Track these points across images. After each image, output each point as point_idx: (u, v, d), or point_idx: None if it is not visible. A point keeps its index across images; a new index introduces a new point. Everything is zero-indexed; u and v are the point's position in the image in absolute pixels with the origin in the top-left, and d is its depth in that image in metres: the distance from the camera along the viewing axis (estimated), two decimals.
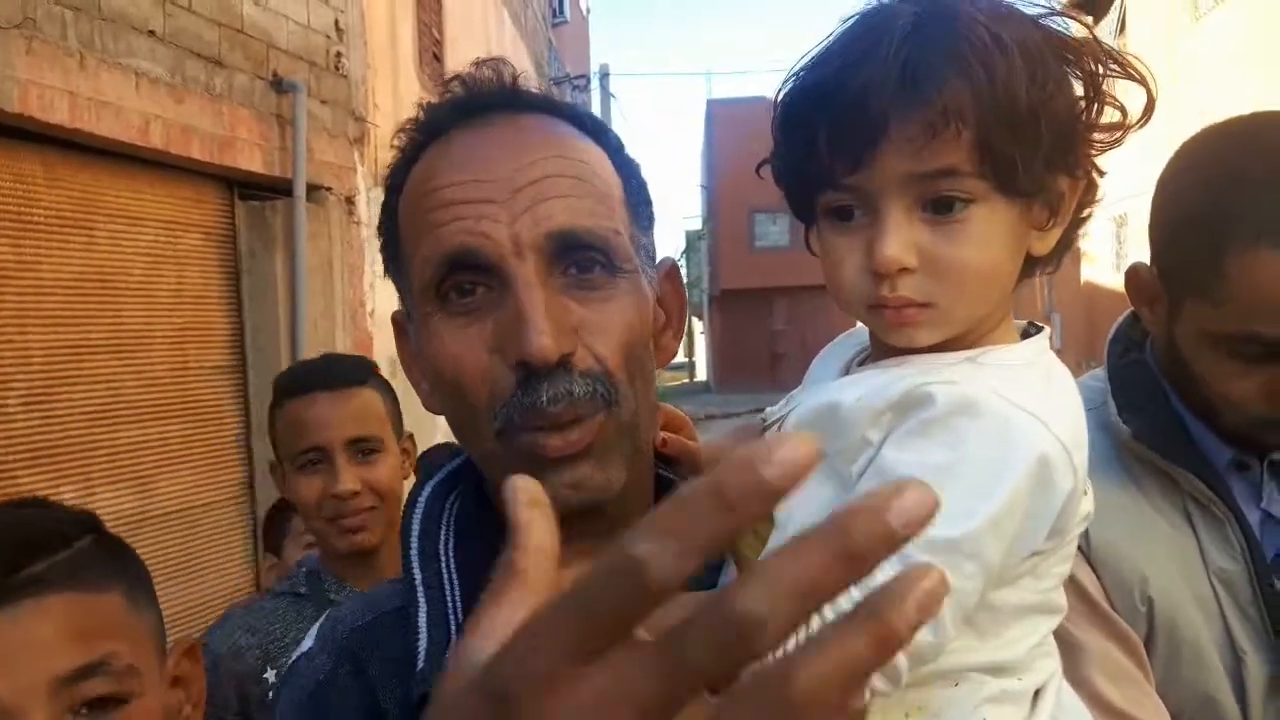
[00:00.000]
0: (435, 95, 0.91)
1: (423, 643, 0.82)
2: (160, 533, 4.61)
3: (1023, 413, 0.73)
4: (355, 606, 0.94)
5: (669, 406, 0.98)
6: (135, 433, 4.54)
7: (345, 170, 6.23)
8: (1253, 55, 9.90)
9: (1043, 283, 14.50)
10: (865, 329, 0.88)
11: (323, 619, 0.95)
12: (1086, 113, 0.79)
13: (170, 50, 4.56)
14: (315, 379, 1.94)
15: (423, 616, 0.84)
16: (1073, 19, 0.81)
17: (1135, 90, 0.82)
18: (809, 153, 0.78)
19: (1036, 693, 0.80)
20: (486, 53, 0.91)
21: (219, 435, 5.17)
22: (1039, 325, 0.86)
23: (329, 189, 5.99)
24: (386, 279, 0.93)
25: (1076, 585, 1.15)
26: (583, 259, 0.81)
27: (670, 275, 0.95)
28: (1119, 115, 0.81)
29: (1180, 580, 1.24)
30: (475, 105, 0.87)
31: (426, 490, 0.93)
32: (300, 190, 5.51)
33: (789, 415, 0.84)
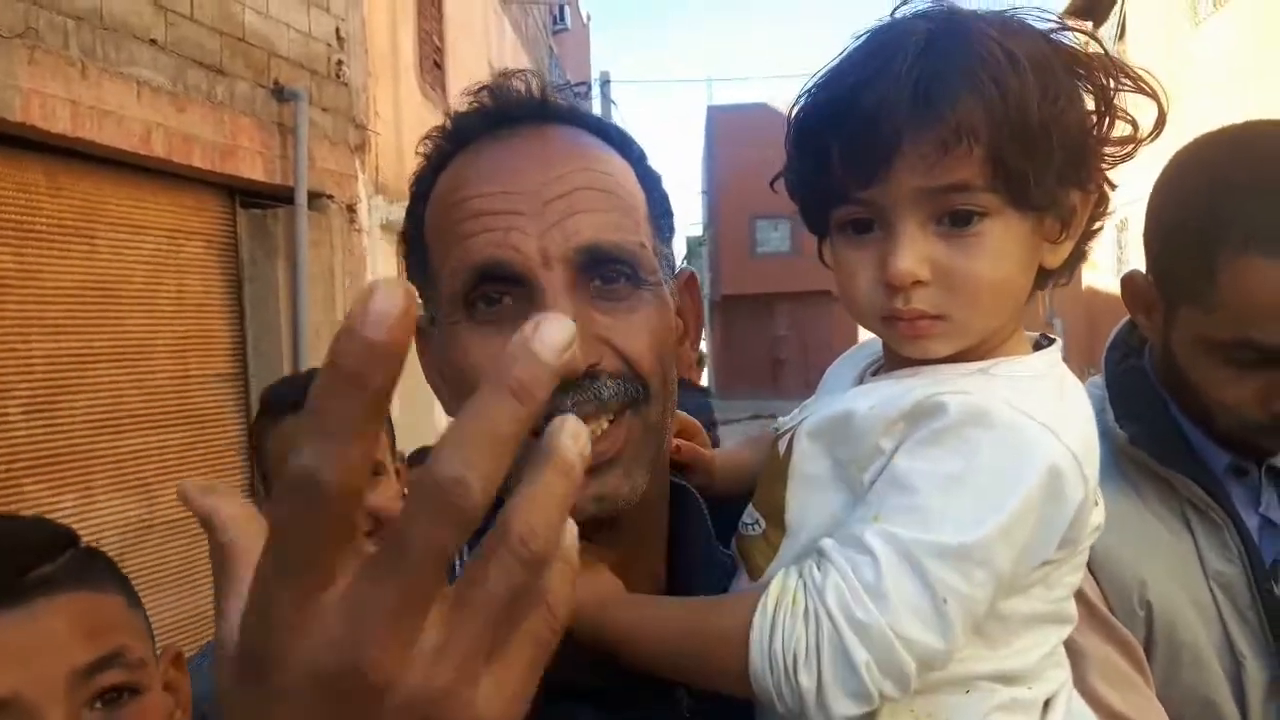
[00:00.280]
0: (437, 103, 0.92)
1: None
2: (162, 541, 4.62)
3: (1034, 423, 0.74)
4: None
5: (683, 414, 0.98)
6: (137, 441, 4.55)
7: (346, 178, 6.25)
8: (1252, 60, 9.92)
9: None
10: (878, 339, 0.89)
11: None
12: (1098, 127, 0.80)
13: (172, 59, 4.57)
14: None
15: None
16: (1075, 29, 0.82)
17: (1145, 103, 0.83)
18: (823, 168, 0.79)
19: (1046, 702, 0.81)
20: (487, 61, 0.92)
21: (220, 443, 5.18)
22: (1051, 337, 0.87)
23: (330, 196, 6.01)
24: None
25: (1076, 590, 1.15)
26: (609, 272, 0.82)
27: (688, 285, 0.96)
28: (1130, 129, 0.81)
29: (1179, 585, 1.25)
30: (504, 116, 0.88)
31: None
32: (302, 198, 5.53)
33: (802, 424, 0.85)
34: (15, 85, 3.63)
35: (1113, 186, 0.83)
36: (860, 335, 0.95)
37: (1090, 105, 0.79)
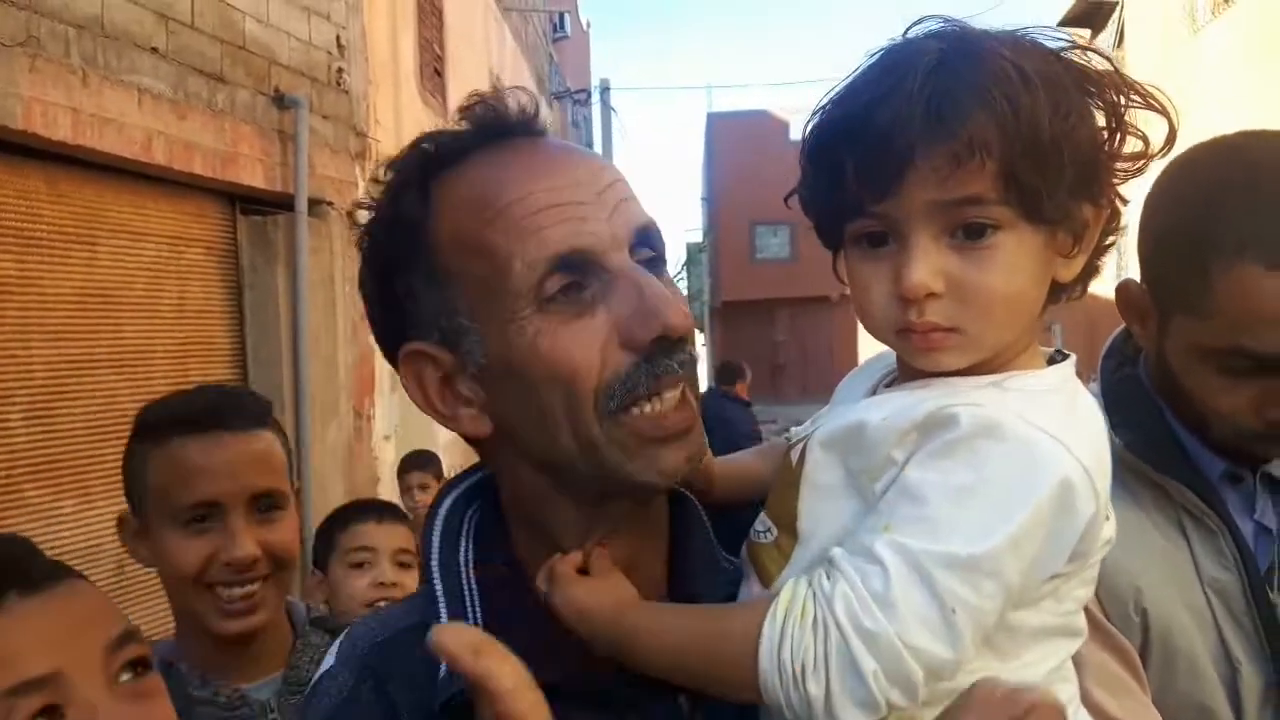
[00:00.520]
0: (437, 111, 0.95)
1: None
2: None
3: (1046, 436, 0.74)
4: (371, 624, 0.95)
5: None
6: None
7: (347, 185, 6.26)
8: (1249, 68, 9.94)
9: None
10: (892, 352, 0.90)
11: (341, 637, 0.96)
12: (1109, 142, 0.81)
13: (173, 67, 4.59)
14: (213, 415, 1.53)
15: None
16: (1085, 47, 0.83)
17: (1154, 116, 0.84)
18: (838, 182, 0.80)
19: None
20: (488, 68, 0.95)
21: None
22: (1065, 352, 0.87)
23: (330, 203, 6.02)
24: None
25: None
26: (649, 251, 0.89)
27: None
28: (1140, 144, 0.82)
29: (1174, 591, 1.26)
30: (499, 130, 0.91)
31: (446, 504, 0.95)
32: (302, 205, 5.53)
33: (814, 434, 0.86)
34: (16, 93, 3.64)
35: (1124, 201, 0.85)
36: (861, 341, 0.97)
37: (1101, 121, 0.80)
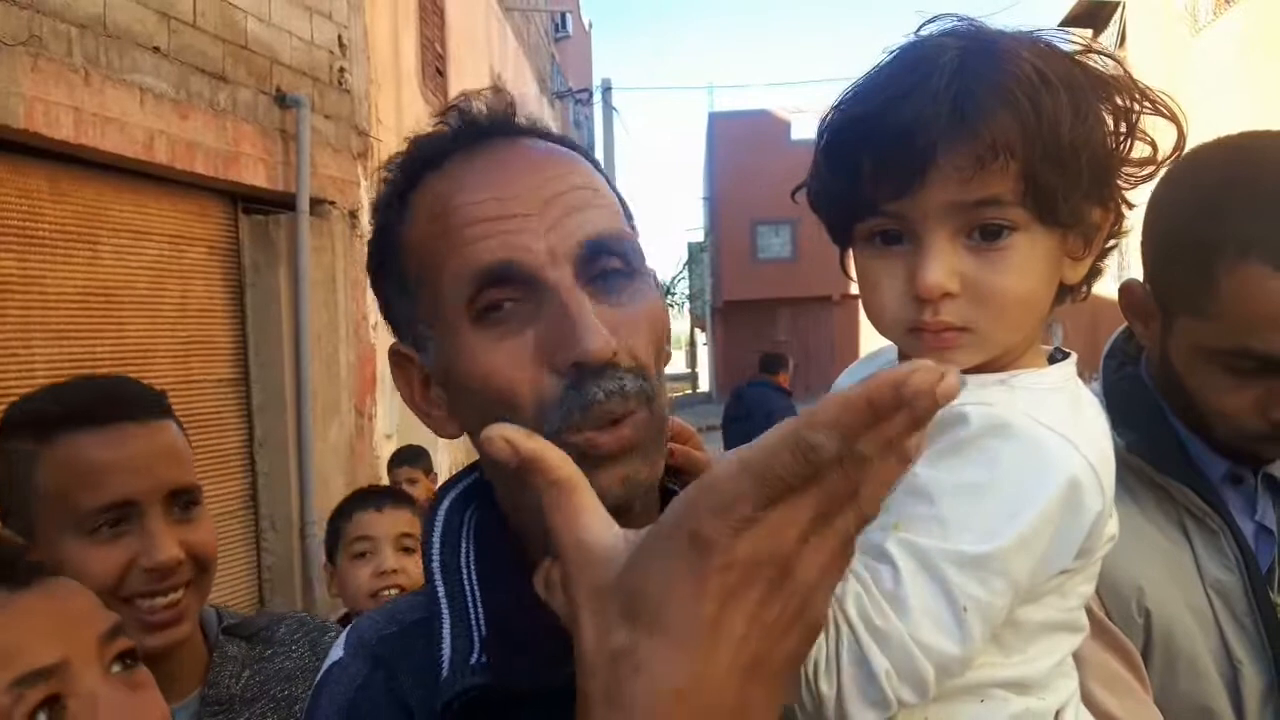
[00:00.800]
0: (438, 109, 0.93)
1: (446, 652, 0.83)
2: None
3: (1054, 435, 0.75)
4: (378, 618, 0.95)
5: (676, 419, 0.99)
6: None
7: (348, 184, 6.26)
8: (1250, 69, 9.93)
9: None
10: (892, 347, 0.90)
11: (348, 629, 0.95)
12: (1119, 146, 0.81)
13: (175, 66, 4.59)
14: (113, 405, 1.36)
15: (446, 628, 0.85)
16: (1098, 52, 0.83)
17: (1162, 122, 0.84)
18: (853, 179, 0.79)
19: (1056, 713, 0.81)
20: (489, 68, 0.94)
21: (222, 447, 5.18)
22: (1066, 351, 0.88)
23: (332, 203, 6.02)
24: None
25: None
26: (608, 266, 0.84)
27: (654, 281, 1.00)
28: (1149, 149, 0.83)
29: (1176, 592, 1.26)
30: (474, 132, 0.89)
31: (445, 503, 0.95)
32: (304, 204, 5.54)
33: None
34: (19, 92, 3.64)
35: (1130, 205, 0.85)
36: (862, 340, 0.97)
37: (1111, 125, 0.80)
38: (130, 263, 4.61)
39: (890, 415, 0.53)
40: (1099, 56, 0.82)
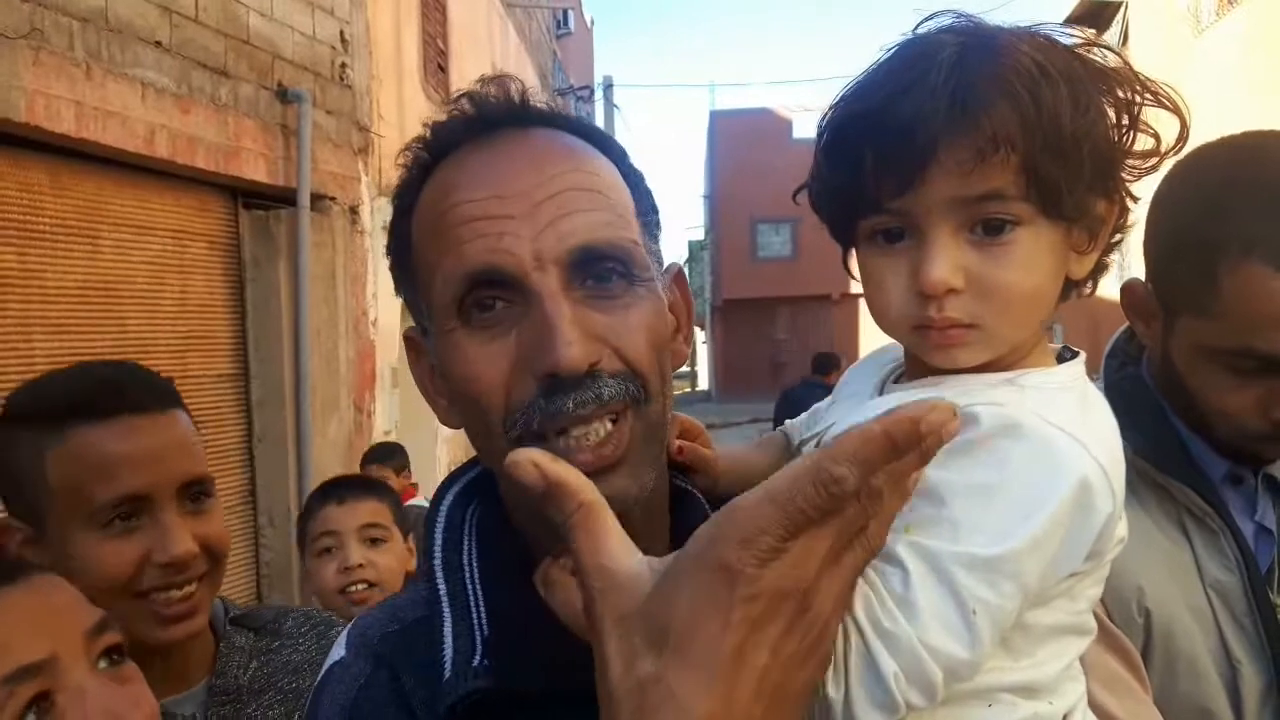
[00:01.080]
0: (440, 106, 0.92)
1: (448, 653, 0.82)
2: None
3: (1065, 436, 0.74)
4: (380, 615, 0.94)
5: (685, 415, 0.99)
6: None
7: (349, 180, 6.26)
8: (1253, 69, 9.93)
9: None
10: (897, 345, 0.89)
11: (349, 626, 0.94)
12: (1122, 139, 0.80)
13: (176, 61, 4.59)
14: (121, 396, 1.33)
15: (448, 627, 0.84)
16: (1098, 45, 0.82)
17: (1166, 115, 0.83)
18: (854, 176, 0.79)
19: (1064, 717, 0.81)
20: (491, 64, 0.93)
21: (221, 443, 5.19)
22: (1074, 350, 0.87)
23: (333, 199, 6.02)
24: (389, 287, 0.94)
25: None
26: (602, 270, 0.82)
27: (677, 280, 0.96)
28: (1153, 142, 0.82)
29: (1176, 592, 1.26)
30: (484, 122, 0.88)
31: (448, 500, 0.94)
32: (304, 200, 5.54)
33: (827, 432, 0.85)
34: (20, 86, 3.64)
35: (1135, 199, 0.84)
36: (862, 339, 0.96)
37: (1114, 118, 0.80)
38: (131, 257, 4.61)
39: (907, 450, 0.55)
40: (1100, 50, 0.81)
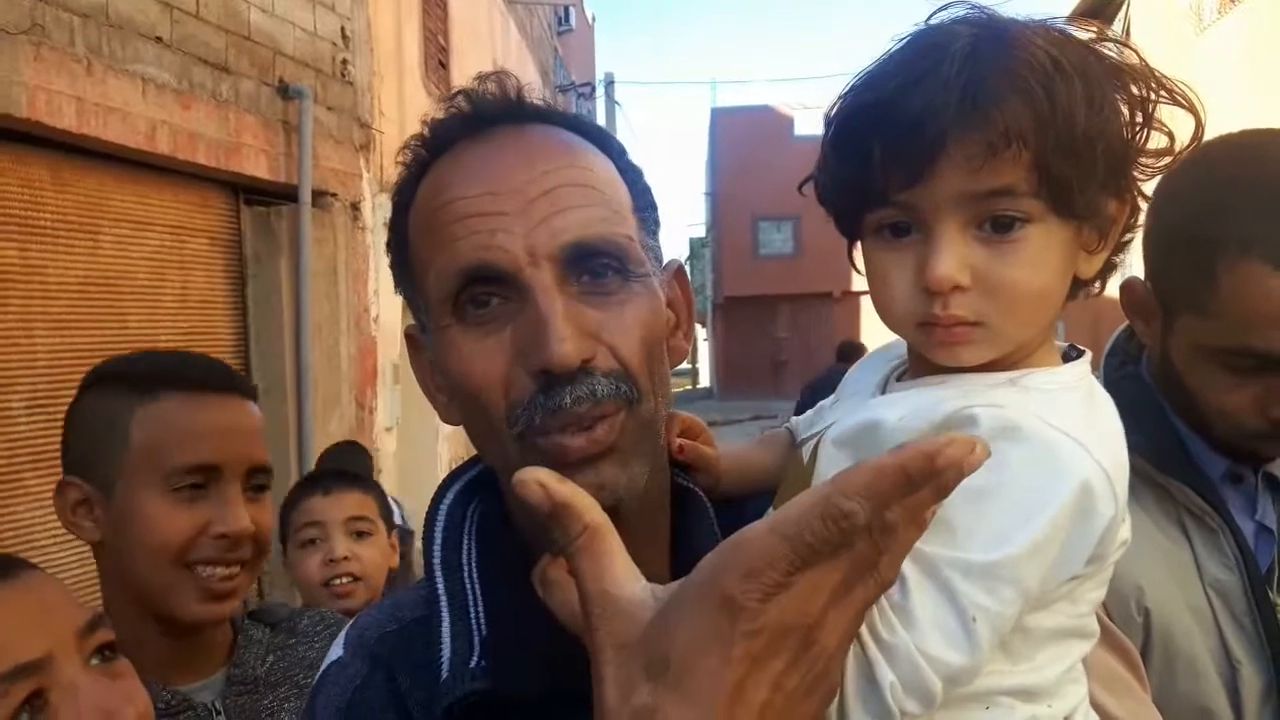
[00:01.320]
0: (441, 103, 0.92)
1: (446, 654, 0.82)
2: None
3: (1067, 439, 0.73)
4: (379, 614, 0.94)
5: (686, 414, 0.98)
6: None
7: (351, 176, 6.26)
8: (1255, 68, 9.92)
9: None
10: (901, 342, 0.88)
11: (348, 626, 0.94)
12: (1135, 137, 0.79)
13: (177, 56, 4.59)
14: (213, 377, 1.43)
15: (446, 628, 0.84)
16: (1114, 40, 0.81)
17: (1179, 113, 0.82)
18: (862, 169, 0.77)
19: (1065, 719, 0.80)
20: (492, 61, 0.92)
21: None
22: (1080, 348, 0.86)
23: (334, 195, 6.02)
24: (390, 284, 0.94)
25: None
26: (597, 266, 0.81)
27: (678, 276, 0.96)
28: (1166, 140, 0.81)
29: (1176, 591, 1.25)
30: (480, 119, 0.88)
31: (448, 498, 0.94)
32: (305, 196, 5.54)
33: (829, 430, 0.84)
34: (21, 81, 3.64)
35: (1145, 198, 0.83)
36: (863, 338, 0.95)
37: (1127, 115, 0.78)
38: (132, 253, 4.61)
39: (922, 485, 0.54)
40: (1114, 45, 0.79)
